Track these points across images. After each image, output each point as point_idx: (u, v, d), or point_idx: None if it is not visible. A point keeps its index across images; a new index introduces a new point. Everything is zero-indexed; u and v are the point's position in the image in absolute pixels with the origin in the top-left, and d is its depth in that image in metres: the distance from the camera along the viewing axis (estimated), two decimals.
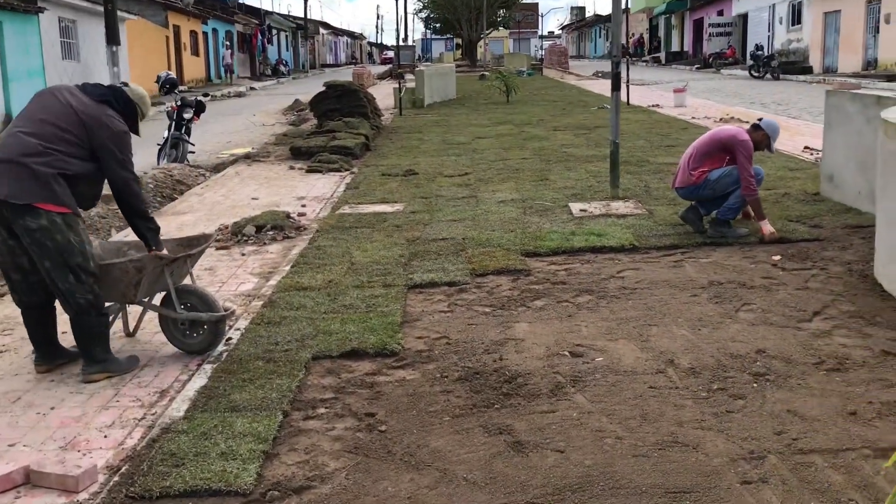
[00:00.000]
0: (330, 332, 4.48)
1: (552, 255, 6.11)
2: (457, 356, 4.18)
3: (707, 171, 6.43)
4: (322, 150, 11.85)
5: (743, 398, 3.57)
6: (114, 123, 4.05)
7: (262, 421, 3.45)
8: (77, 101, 4.05)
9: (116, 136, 4.03)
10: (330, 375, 3.99)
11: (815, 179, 8.41)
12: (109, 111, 4.09)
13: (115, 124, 4.06)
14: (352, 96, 15.10)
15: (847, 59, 30.53)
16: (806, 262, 5.67)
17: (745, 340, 4.26)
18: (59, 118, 3.97)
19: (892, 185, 4.95)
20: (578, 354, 4.16)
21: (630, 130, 13.69)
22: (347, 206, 8.21)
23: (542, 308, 4.93)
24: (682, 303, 4.92)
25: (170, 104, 12.28)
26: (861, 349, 4.09)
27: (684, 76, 34.77)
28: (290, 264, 5.98)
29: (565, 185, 8.94)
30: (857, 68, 29.41)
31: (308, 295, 5.20)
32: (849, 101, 7.41)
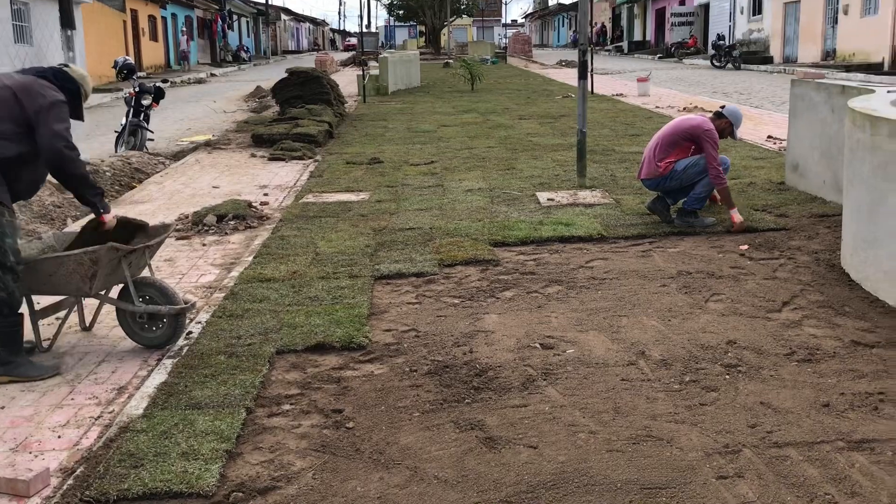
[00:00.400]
0: (294, 326, 4.37)
1: (521, 245, 6.04)
2: (426, 349, 4.10)
3: (673, 161, 6.41)
4: (284, 137, 11.67)
5: (716, 390, 3.54)
6: (47, 92, 3.93)
7: (224, 418, 3.33)
8: (11, 79, 3.95)
9: (51, 105, 3.88)
10: (295, 370, 3.88)
11: (780, 169, 8.46)
12: (43, 81, 3.98)
13: (49, 93, 3.93)
14: (315, 83, 14.90)
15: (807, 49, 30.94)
16: (773, 252, 5.68)
17: (716, 331, 4.23)
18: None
19: (858, 174, 4.96)
20: (549, 346, 4.10)
21: (595, 119, 13.69)
22: (311, 195, 8.07)
23: (512, 299, 4.87)
24: (651, 293, 4.89)
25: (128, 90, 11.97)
26: (831, 339, 4.08)
27: (647, 65, 34.97)
28: (253, 255, 5.84)
29: (532, 175, 8.88)
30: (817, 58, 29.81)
31: (271, 287, 5.08)
32: (814, 91, 7.45)
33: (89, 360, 4.11)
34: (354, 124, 14.68)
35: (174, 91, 25.44)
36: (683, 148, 6.42)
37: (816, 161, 7.32)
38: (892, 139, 4.53)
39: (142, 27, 35.32)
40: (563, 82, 24.74)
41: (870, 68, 24.47)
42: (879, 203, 4.66)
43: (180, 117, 17.45)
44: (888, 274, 4.57)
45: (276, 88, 15.25)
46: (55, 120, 3.87)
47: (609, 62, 39.47)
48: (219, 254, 6.11)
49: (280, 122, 13.16)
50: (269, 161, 10.63)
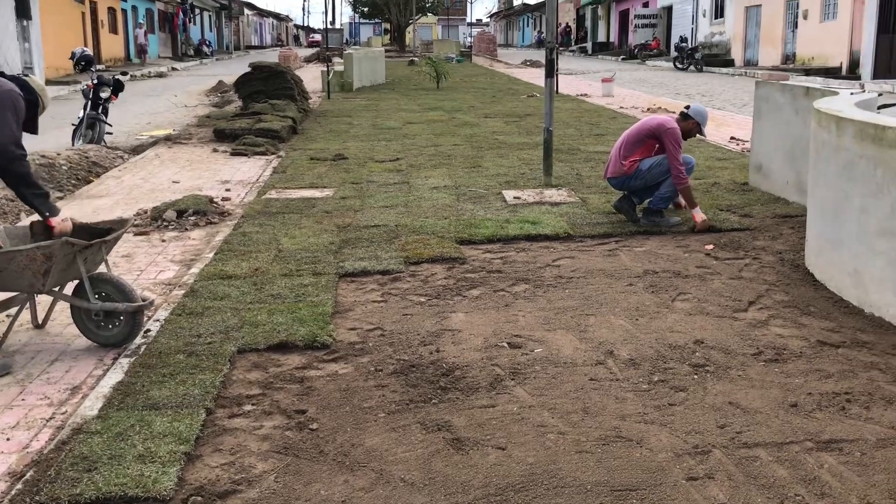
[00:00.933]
0: (256, 324, 4.27)
1: (487, 243, 6.00)
2: (391, 348, 4.03)
3: (638, 160, 6.41)
4: (247, 132, 11.51)
5: (684, 390, 3.51)
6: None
7: (183, 419, 3.22)
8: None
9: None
10: (257, 370, 3.78)
11: (744, 169, 8.52)
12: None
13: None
14: (278, 78, 14.72)
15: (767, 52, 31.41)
16: (738, 252, 5.70)
17: (683, 331, 4.22)
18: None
19: (823, 175, 4.99)
20: (517, 346, 4.05)
21: (560, 119, 13.71)
22: (274, 191, 7.95)
23: (479, 297, 4.81)
24: (618, 292, 4.87)
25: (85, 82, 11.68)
26: (797, 339, 4.09)
27: (611, 66, 35.23)
28: (214, 251, 5.72)
29: (498, 173, 8.84)
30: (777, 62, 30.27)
31: (233, 284, 4.97)
32: (778, 93, 7.50)
33: (41, 359, 3.97)
34: (319, 120, 14.53)
35: (134, 84, 24.99)
36: (648, 146, 6.43)
37: (780, 162, 7.38)
38: (856, 140, 4.56)
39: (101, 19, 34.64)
40: (528, 82, 24.80)
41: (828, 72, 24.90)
42: (844, 204, 4.69)
43: (140, 111, 17.14)
44: (852, 274, 4.59)
45: (239, 83, 15.03)
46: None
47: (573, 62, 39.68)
48: (178, 250, 5.97)
49: (243, 117, 12.98)
50: (231, 156, 10.46)
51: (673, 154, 6.23)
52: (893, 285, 4.27)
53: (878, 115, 5.26)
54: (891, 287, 4.29)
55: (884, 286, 4.34)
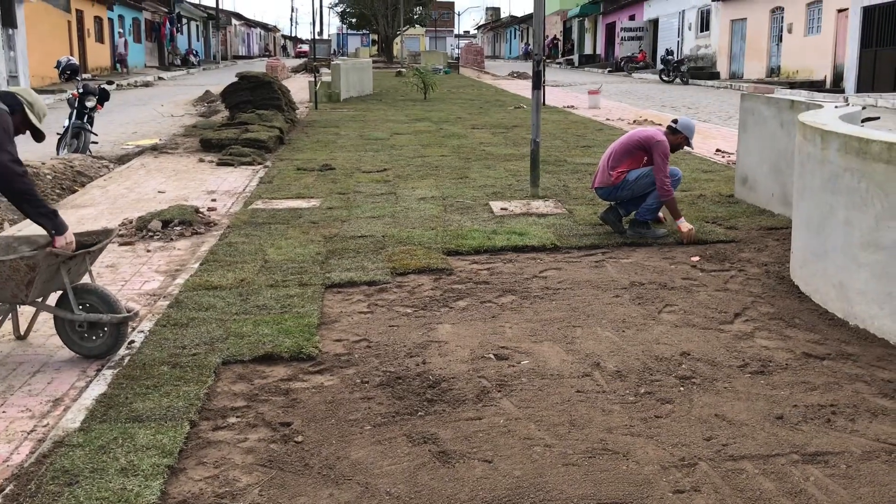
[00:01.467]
0: (242, 335, 4.24)
1: (474, 254, 5.99)
2: (378, 360, 4.01)
3: (625, 171, 6.43)
4: (234, 142, 11.48)
5: (671, 402, 3.51)
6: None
7: (167, 432, 3.19)
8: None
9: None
10: (241, 382, 3.75)
11: (729, 181, 8.57)
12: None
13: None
14: (265, 88, 14.70)
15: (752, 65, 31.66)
16: (724, 264, 5.71)
17: (670, 342, 4.22)
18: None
19: (808, 187, 5.02)
20: (504, 357, 4.04)
21: (547, 130, 13.74)
22: (261, 201, 7.92)
23: (466, 309, 4.80)
24: (604, 304, 4.87)
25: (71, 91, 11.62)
26: (783, 351, 4.10)
27: (597, 78, 35.41)
28: (199, 262, 5.69)
29: (485, 184, 8.85)
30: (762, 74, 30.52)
31: (218, 295, 4.94)
32: (763, 105, 7.55)
33: (23, 371, 3.92)
34: (306, 130, 14.51)
35: (120, 94, 24.90)
36: (636, 158, 6.46)
37: (765, 174, 7.42)
38: (841, 153, 4.59)
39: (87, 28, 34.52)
40: (515, 93, 24.88)
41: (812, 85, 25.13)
42: (828, 216, 4.72)
43: (126, 120, 17.06)
44: (837, 286, 4.62)
45: (226, 93, 15.00)
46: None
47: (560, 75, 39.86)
48: (163, 260, 5.93)
49: (229, 126, 12.96)
50: (217, 166, 10.43)
51: (660, 166, 6.26)
52: (878, 297, 4.29)
53: (862, 128, 5.30)
54: (875, 299, 4.31)
55: (868, 298, 4.36)
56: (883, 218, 4.26)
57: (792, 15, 28.51)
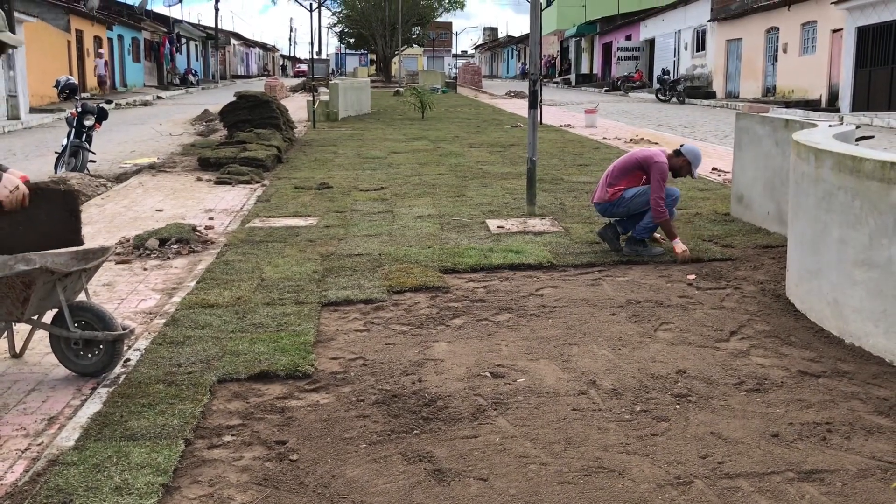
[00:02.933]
0: (237, 353, 4.24)
1: (470, 272, 6.00)
2: (373, 378, 4.01)
3: (623, 188, 6.46)
4: (232, 161, 11.51)
5: (666, 420, 3.51)
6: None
7: (161, 450, 3.18)
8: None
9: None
10: (237, 400, 3.75)
11: (725, 200, 8.60)
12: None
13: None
14: (264, 107, 14.76)
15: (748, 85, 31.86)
16: (720, 282, 5.73)
17: (666, 361, 4.22)
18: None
19: (803, 206, 5.04)
20: (500, 375, 4.04)
21: (544, 149, 13.80)
22: (258, 220, 7.94)
23: (462, 327, 4.81)
24: (601, 322, 4.87)
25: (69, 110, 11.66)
26: (778, 369, 4.10)
27: (594, 98, 35.59)
28: (196, 280, 5.69)
29: (482, 202, 8.88)
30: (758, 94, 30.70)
31: (214, 313, 4.94)
32: (758, 124, 7.60)
33: (18, 389, 3.91)
34: (304, 149, 14.55)
35: (118, 113, 24.98)
36: (635, 177, 6.48)
37: (760, 193, 7.46)
38: (835, 172, 4.62)
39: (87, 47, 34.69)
40: (512, 112, 24.99)
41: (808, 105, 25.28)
42: (823, 234, 4.74)
43: (124, 139, 17.11)
44: (832, 304, 4.63)
45: (225, 112, 15.06)
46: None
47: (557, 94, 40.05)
48: (160, 279, 5.93)
49: (228, 145, 12.98)
50: (215, 185, 10.45)
51: (656, 187, 6.28)
52: (872, 315, 4.30)
53: (856, 146, 5.34)
54: (870, 317, 4.32)
55: (863, 316, 4.37)
56: (876, 236, 4.28)
57: (787, 35, 28.72)
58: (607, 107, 28.15)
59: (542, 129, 17.61)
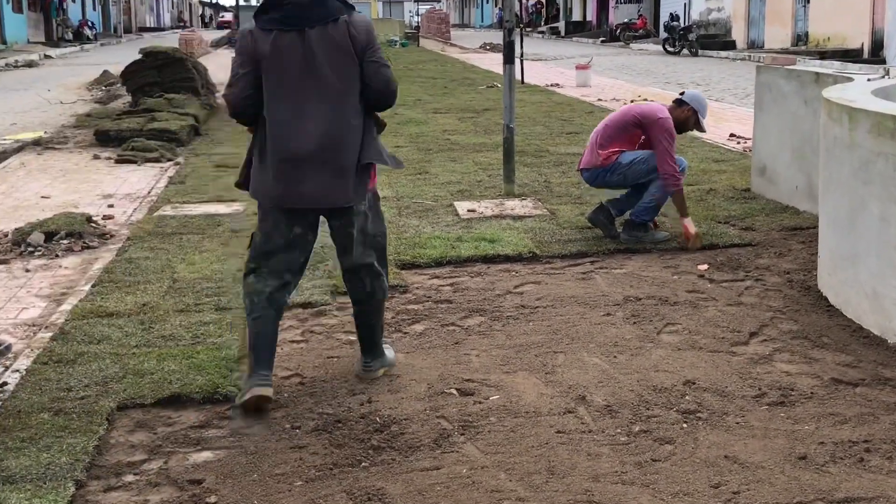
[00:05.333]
0: (143, 373, 4.23)
1: (434, 267, 6.02)
2: (312, 399, 4.02)
3: (618, 151, 6.43)
4: (138, 134, 11.45)
5: (671, 442, 3.55)
6: None
7: (46, 495, 3.17)
8: None
9: None
10: (142, 430, 3.75)
11: (745, 173, 8.69)
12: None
13: None
14: (177, 67, 14.68)
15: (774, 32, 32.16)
16: (738, 272, 5.79)
17: (671, 370, 4.27)
18: None
19: (836, 177, 5.11)
20: (468, 392, 4.06)
21: (526, 114, 13.83)
22: (170, 207, 7.90)
23: (423, 334, 4.83)
24: (593, 324, 4.91)
25: None
26: (808, 377, 4.16)
27: (588, 51, 35.75)
28: (91, 283, 5.66)
29: (449, 180, 8.90)
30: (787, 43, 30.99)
31: (114, 323, 4.93)
32: (783, 79, 7.68)
33: None
34: (228, 118, 14.43)
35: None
36: (632, 137, 6.46)
37: (787, 163, 7.54)
38: (874, 135, 4.68)
39: None
40: (487, 69, 25.02)
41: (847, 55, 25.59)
42: (859, 211, 4.80)
43: (3, 109, 16.90)
44: (871, 297, 4.70)
45: (128, 73, 14.94)
46: None
47: (543, 46, 40.19)
48: (46, 282, 5.90)
49: (132, 115, 12.90)
50: (116, 164, 10.38)
51: (665, 149, 6.24)
52: None
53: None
54: None
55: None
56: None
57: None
58: (603, 61, 28.30)
59: (524, 90, 17.66)
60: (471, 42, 45.01)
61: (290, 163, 3.87)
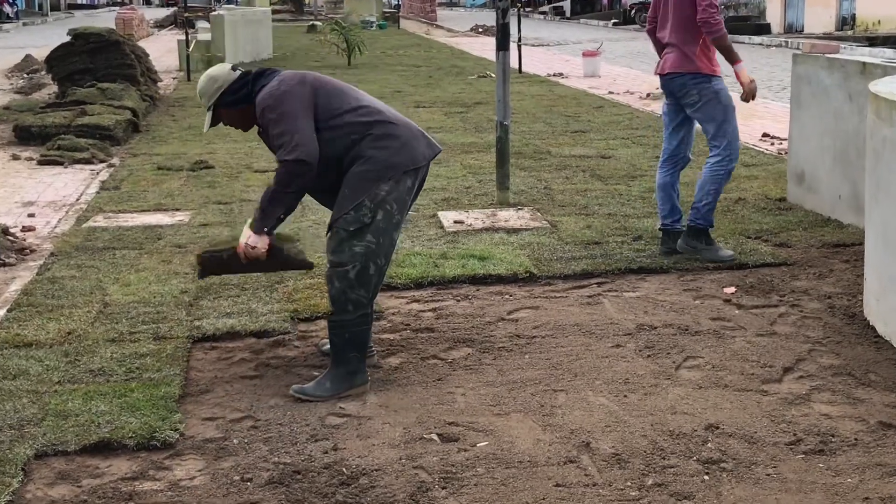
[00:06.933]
0: (66, 414, 4.22)
1: (414, 289, 6.04)
2: (267, 447, 4.01)
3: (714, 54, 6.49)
4: (65, 130, 11.46)
5: (690, 498, 3.56)
6: None
7: None
8: None
9: None
10: (64, 483, 3.73)
11: (780, 179, 8.74)
12: None
13: None
14: (112, 51, 14.73)
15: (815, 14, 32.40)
16: (771, 296, 5.81)
17: (691, 411, 4.27)
18: None
19: (885, 185, 5.14)
20: (452, 438, 4.06)
21: (524, 109, 13.89)
22: (101, 217, 7.90)
23: (399, 368, 4.83)
24: (599, 357, 4.92)
25: None
26: (851, 421, 4.17)
27: (597, 34, 35.92)
28: (7, 307, 5.67)
29: (433, 187, 8.90)
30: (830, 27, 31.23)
31: (33, 355, 4.91)
32: (824, 70, 7.73)
33: None
34: (173, 112, 14.48)
35: None
36: None
37: (829, 168, 7.58)
38: None
39: None
40: (479, 56, 25.14)
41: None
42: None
43: None
44: None
45: (55, 58, 14.97)
46: None
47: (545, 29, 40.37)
48: None
49: (59, 107, 12.91)
50: (39, 166, 10.40)
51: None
52: None
53: None
54: None
55: None
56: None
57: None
58: (616, 47, 28.44)
59: (521, 81, 17.75)
60: (460, 24, 45.18)
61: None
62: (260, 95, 4.60)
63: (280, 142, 4.46)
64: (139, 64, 15.20)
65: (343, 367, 4.53)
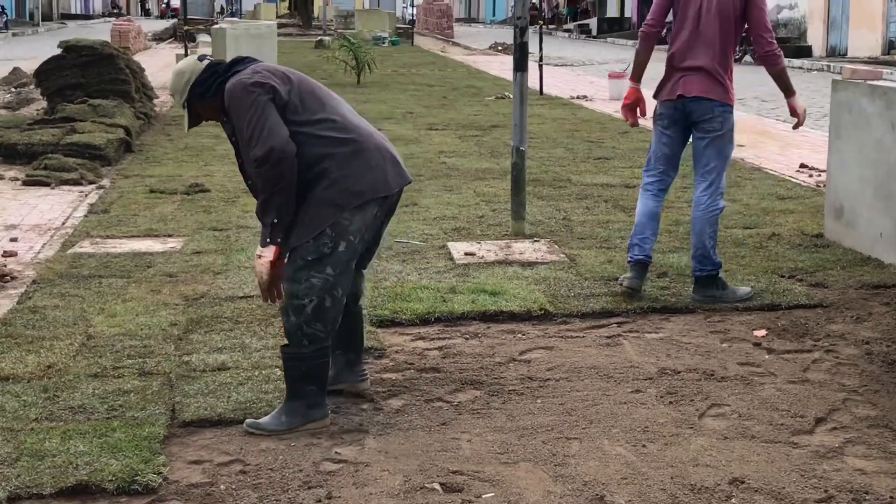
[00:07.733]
0: (43, 454, 4.22)
1: (420, 325, 6.05)
2: (256, 493, 4.01)
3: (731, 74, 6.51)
4: (53, 149, 11.50)
5: None
6: None
7: None
8: None
9: None
10: None
11: (817, 214, 8.72)
12: None
13: None
14: (106, 65, 14.77)
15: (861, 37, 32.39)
16: (804, 341, 5.80)
17: (715, 464, 4.26)
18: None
19: None
20: (456, 488, 4.05)
21: (544, 133, 13.92)
22: (89, 242, 7.92)
23: (402, 411, 4.83)
24: (617, 403, 4.91)
25: None
26: (887, 477, 4.15)
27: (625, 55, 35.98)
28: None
29: (443, 215, 8.93)
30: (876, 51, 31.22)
31: (10, 390, 4.92)
32: (866, 98, 7.73)
33: None
34: (168, 131, 14.55)
35: None
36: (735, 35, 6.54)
37: (869, 203, 7.57)
38: None
39: None
40: (497, 76, 25.22)
41: None
42: None
43: None
44: None
45: (44, 72, 15.01)
46: None
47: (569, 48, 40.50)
48: None
49: (47, 124, 12.93)
50: (23, 186, 10.43)
51: (759, 16, 6.41)
52: None
53: None
54: None
55: None
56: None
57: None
58: None
59: (541, 103, 17.81)
60: (478, 41, 45.40)
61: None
62: (230, 82, 4.57)
63: (248, 133, 4.47)
64: (134, 79, 15.25)
65: (300, 401, 4.58)
